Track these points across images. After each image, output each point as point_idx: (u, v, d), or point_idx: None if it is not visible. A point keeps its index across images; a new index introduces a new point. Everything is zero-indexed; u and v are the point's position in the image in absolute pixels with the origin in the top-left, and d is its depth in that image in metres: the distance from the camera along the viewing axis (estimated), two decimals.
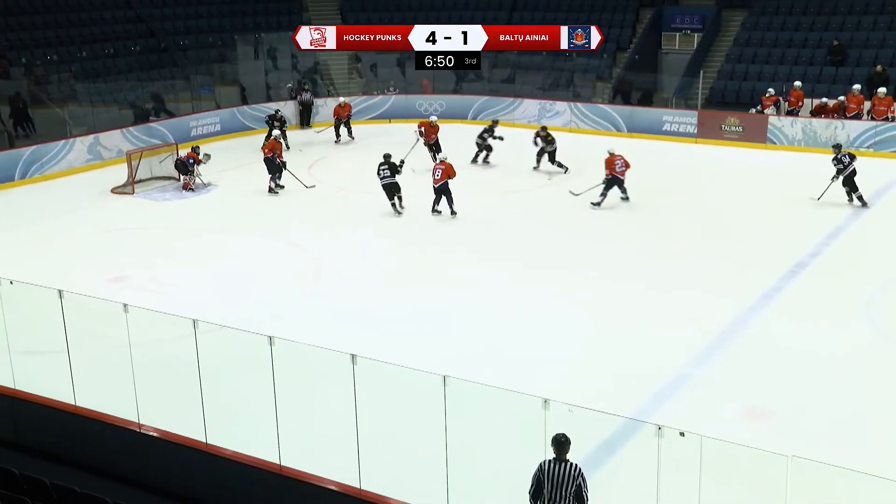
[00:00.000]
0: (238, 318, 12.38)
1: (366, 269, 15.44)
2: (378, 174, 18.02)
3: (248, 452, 8.91)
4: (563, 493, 7.04)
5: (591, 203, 18.51)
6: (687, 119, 25.22)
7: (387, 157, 18.24)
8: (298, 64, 29.48)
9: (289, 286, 14.79)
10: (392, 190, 18.05)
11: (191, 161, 20.48)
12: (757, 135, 24.12)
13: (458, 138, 23.45)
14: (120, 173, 21.14)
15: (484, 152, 22.53)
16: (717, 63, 27.79)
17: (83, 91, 25.37)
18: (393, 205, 18.07)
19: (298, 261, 16.01)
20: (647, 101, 27.19)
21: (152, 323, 10.11)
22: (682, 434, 6.83)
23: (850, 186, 18.05)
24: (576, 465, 7.18)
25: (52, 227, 18.02)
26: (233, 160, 22.24)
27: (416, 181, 19.26)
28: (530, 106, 27.26)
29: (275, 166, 19.80)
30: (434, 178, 17.89)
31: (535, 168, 21.58)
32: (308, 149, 24.21)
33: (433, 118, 23.12)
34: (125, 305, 9.31)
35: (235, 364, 10.48)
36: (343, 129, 25.38)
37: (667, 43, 29.44)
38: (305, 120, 27.29)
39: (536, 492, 7.20)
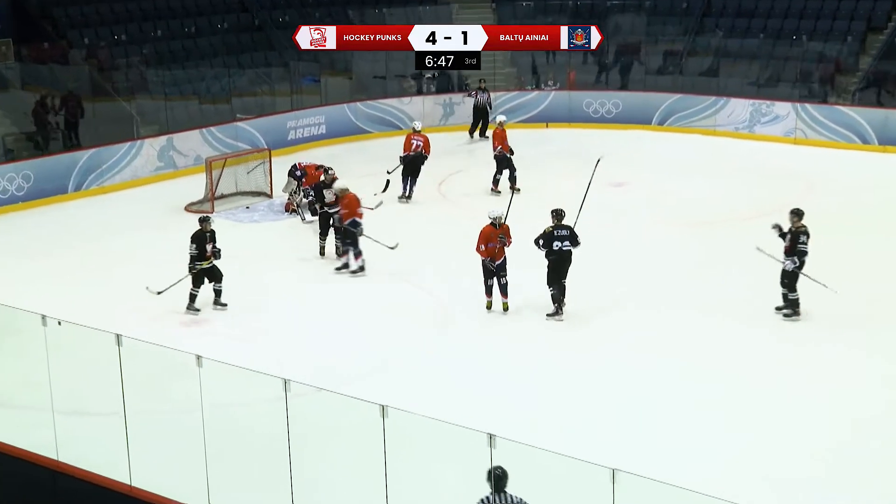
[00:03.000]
0: (338, 375, 12.64)
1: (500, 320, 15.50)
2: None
3: None
4: None
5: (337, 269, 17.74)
6: None
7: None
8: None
9: (402, 335, 15.00)
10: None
11: (299, 172, 20.79)
12: None
13: (644, 151, 23.06)
14: (197, 186, 21.99)
15: None
16: None
17: (155, 80, 26.57)
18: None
19: (415, 303, 16.21)
20: None
21: (232, 380, 10.41)
22: None
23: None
24: (514, 494, 8.38)
25: (112, 253, 18.83)
26: (340, 174, 22.69)
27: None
28: (738, 107, 26.91)
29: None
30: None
31: None
32: (443, 159, 24.49)
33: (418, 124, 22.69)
34: (198, 357, 9.62)
35: (334, 436, 10.65)
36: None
37: None
38: (481, 128, 26.95)
39: None
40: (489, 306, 15.71)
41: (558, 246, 15.12)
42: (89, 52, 26.87)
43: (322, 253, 18.33)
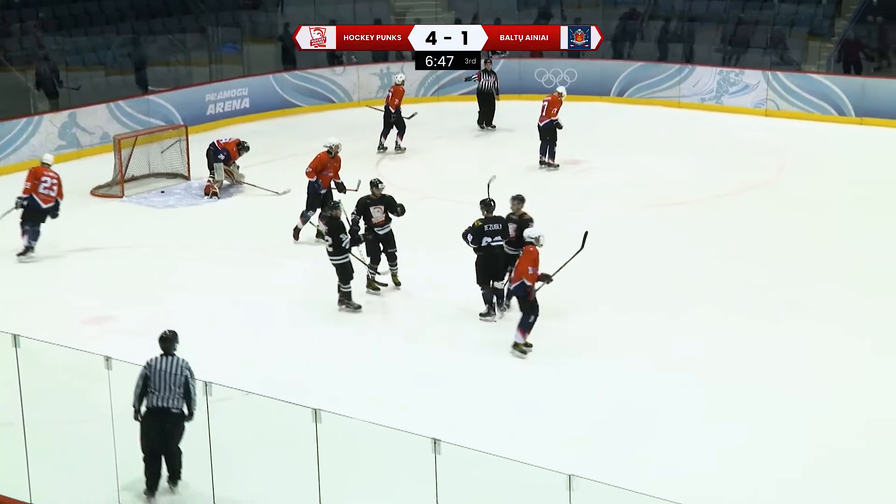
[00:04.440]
0: (264, 380, 12.51)
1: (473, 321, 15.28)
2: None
3: None
4: (172, 385, 9.98)
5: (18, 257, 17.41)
6: None
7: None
8: None
9: (342, 336, 14.89)
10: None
11: (222, 156, 20.78)
12: None
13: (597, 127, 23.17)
14: (105, 167, 21.68)
15: None
16: None
17: (55, 47, 26.14)
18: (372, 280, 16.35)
19: (356, 299, 16.13)
20: (889, 69, 26.73)
21: None
22: None
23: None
24: (182, 358, 10.10)
25: (7, 244, 18.51)
26: (267, 152, 22.58)
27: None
28: (705, 76, 27.11)
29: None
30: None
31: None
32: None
33: (400, 77, 24.03)
34: (107, 359, 9.57)
35: (261, 445, 10.62)
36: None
37: None
38: (487, 118, 25.73)
39: (143, 390, 10.00)
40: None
41: (487, 242, 14.77)
42: None
43: (373, 286, 16.22)
